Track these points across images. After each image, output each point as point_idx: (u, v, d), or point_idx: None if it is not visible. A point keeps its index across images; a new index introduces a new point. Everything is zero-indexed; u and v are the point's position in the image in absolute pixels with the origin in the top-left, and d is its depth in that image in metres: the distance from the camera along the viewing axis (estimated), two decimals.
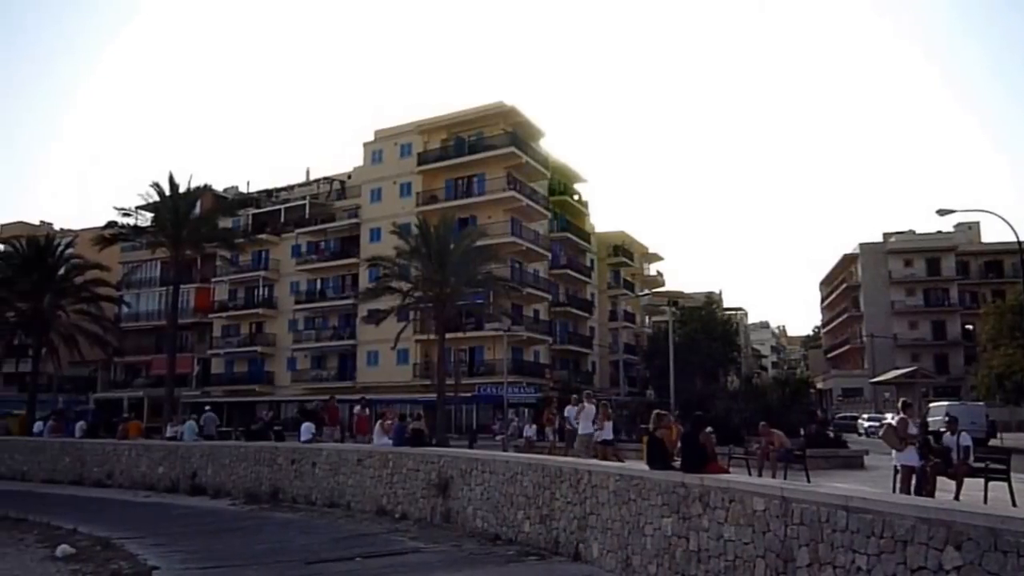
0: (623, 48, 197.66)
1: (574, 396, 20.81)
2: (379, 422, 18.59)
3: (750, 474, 15.90)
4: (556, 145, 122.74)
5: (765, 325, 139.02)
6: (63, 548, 12.58)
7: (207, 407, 35.89)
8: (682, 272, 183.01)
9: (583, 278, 59.84)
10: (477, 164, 50.08)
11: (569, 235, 57.44)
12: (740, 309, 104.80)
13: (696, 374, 43.85)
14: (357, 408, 23.77)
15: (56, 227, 63.18)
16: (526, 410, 42.42)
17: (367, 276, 47.46)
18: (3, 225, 66.07)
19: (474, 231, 39.51)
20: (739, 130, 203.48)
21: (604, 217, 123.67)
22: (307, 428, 22.08)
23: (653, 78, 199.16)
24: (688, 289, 53.34)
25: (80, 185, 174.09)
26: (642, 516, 9.30)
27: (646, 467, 9.78)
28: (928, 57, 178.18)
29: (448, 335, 35.52)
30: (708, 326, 60.52)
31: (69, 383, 57.74)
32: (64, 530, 14.72)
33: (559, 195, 57.59)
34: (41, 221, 67.89)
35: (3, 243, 51.30)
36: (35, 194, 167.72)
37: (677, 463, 9.44)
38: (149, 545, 12.77)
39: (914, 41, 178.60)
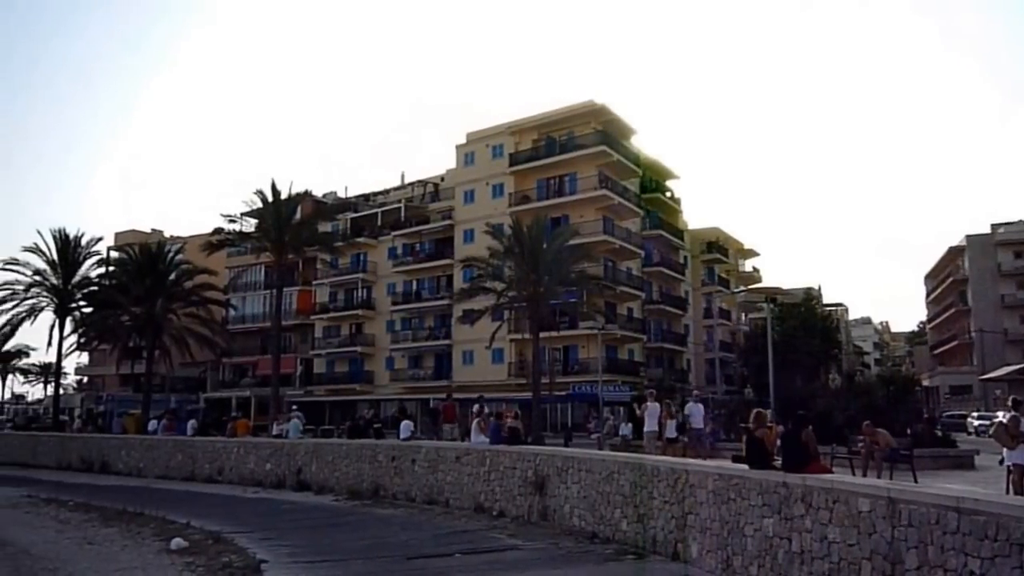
0: (714, 42, 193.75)
1: (695, 392, 21.00)
2: (476, 421, 18.84)
3: (854, 474, 15.39)
4: (648, 142, 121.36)
5: (867, 321, 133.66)
6: (177, 541, 13.07)
7: (293, 406, 37.06)
8: (780, 268, 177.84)
9: (677, 276, 59.02)
10: (568, 164, 50.08)
11: (662, 232, 56.75)
12: (840, 305, 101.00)
13: (796, 372, 42.43)
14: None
15: (166, 234, 66.49)
16: (621, 408, 42.11)
17: (461, 277, 48.05)
18: (117, 233, 69.85)
19: (566, 230, 39.49)
20: (837, 121, 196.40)
21: (698, 214, 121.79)
22: (406, 426, 22.52)
23: (745, 71, 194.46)
24: (786, 285, 51.73)
25: (188, 193, 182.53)
26: (742, 516, 9.13)
27: (745, 466, 9.61)
28: None
29: (542, 334, 35.59)
30: (807, 323, 58.57)
31: (181, 383, 60.66)
32: (178, 524, 15.21)
33: (651, 192, 57.00)
34: (152, 229, 71.49)
35: (118, 251, 54.15)
36: (146, 202, 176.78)
37: (777, 463, 9.24)
38: (258, 539, 13.16)
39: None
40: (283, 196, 38.06)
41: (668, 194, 60.65)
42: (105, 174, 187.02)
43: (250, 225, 42.03)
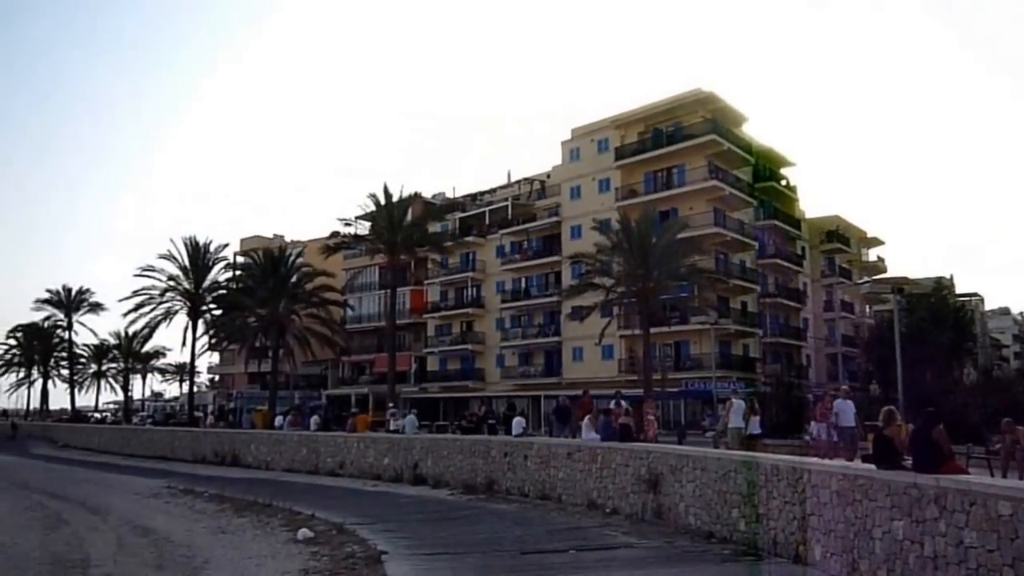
0: (827, 19, 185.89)
1: (844, 387, 20.55)
2: (587, 417, 18.80)
3: (992, 475, 14.47)
4: (761, 129, 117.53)
5: (1005, 311, 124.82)
6: (303, 532, 13.65)
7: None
8: (907, 257, 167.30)
9: (794, 267, 57.03)
10: (676, 155, 49.20)
11: (777, 222, 54.96)
12: (975, 295, 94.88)
13: (926, 367, 40.27)
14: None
15: (287, 239, 69.37)
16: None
17: (569, 273, 48.11)
18: (242, 239, 73.34)
19: (676, 223, 38.90)
20: (962, 99, 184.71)
21: (816, 202, 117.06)
22: (518, 423, 22.76)
23: (862, 49, 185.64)
24: (914, 274, 49.30)
25: (304, 197, 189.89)
26: (869, 518, 8.73)
27: (872, 466, 9.20)
28: None
29: (653, 329, 35.22)
30: (938, 314, 55.47)
31: (303, 381, 63.22)
32: (304, 515, 15.86)
33: (765, 181, 55.28)
34: (274, 234, 74.53)
35: (243, 256, 57.04)
36: (269, 207, 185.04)
37: (907, 463, 8.80)
38: (378, 531, 13.53)
39: None
40: (394, 199, 39.19)
41: (783, 182, 58.64)
42: (228, 181, 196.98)
43: (364, 228, 43.43)
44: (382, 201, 39.27)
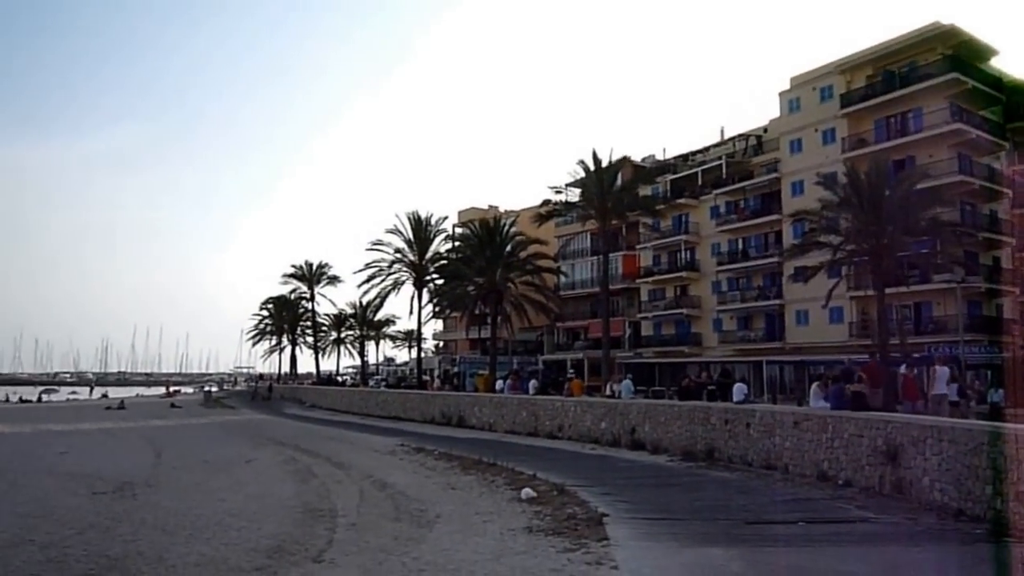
0: None
1: None
2: (815, 384, 17.78)
3: None
4: (1015, 62, 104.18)
5: None
6: (527, 491, 14.00)
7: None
8: None
9: None
10: (911, 98, 44.85)
11: None
12: None
13: None
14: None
15: (501, 209, 71.38)
16: (988, 372, 37.21)
17: (791, 232, 45.70)
18: (460, 211, 76.50)
19: (912, 173, 35.58)
20: None
21: None
22: (739, 389, 22.06)
23: None
24: None
25: (517, 167, 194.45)
26: None
27: None
28: None
29: (888, 290, 32.52)
30: None
31: (520, 346, 65.20)
32: (525, 475, 16.27)
33: (1020, 120, 48.98)
34: (489, 205, 77.08)
35: (461, 227, 59.44)
36: (483, 180, 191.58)
37: None
38: (598, 494, 13.59)
39: None
40: (603, 164, 39.02)
41: None
42: (447, 155, 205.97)
43: (575, 195, 43.71)
44: (591, 167, 39.19)
